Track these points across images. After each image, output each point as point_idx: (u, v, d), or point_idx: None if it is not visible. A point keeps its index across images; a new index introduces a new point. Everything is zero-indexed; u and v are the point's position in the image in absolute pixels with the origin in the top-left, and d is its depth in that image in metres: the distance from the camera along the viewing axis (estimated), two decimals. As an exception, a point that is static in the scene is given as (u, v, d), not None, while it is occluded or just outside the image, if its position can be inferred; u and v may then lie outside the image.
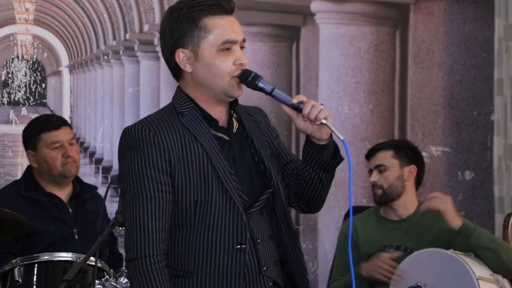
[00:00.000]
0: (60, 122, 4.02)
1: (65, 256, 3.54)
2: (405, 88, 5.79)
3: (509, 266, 3.71)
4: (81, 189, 4.04)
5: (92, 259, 3.05)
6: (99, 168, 5.81)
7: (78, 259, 3.45)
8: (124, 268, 3.58)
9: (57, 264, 3.53)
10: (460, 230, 3.70)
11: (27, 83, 5.65)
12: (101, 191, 4.19)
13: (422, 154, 4.17)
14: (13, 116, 5.60)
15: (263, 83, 2.47)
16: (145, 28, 5.76)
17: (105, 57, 5.86)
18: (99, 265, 3.41)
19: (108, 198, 3.12)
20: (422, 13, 5.78)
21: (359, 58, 5.70)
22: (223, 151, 2.48)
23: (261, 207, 2.53)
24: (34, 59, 5.67)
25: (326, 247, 5.56)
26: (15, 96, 5.62)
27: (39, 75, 5.69)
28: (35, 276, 3.52)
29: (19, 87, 5.63)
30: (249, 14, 5.46)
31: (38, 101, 5.65)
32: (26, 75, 5.66)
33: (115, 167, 5.76)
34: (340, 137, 2.42)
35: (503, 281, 3.70)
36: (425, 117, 5.78)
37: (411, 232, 3.96)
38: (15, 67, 5.64)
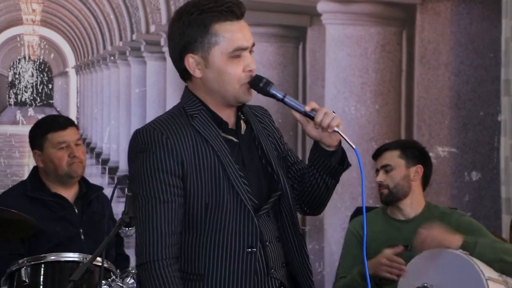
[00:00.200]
0: (66, 122, 4.03)
1: (72, 256, 3.54)
2: (412, 88, 5.78)
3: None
4: (87, 189, 4.04)
5: (98, 259, 3.06)
6: (105, 168, 5.81)
7: (84, 260, 3.45)
8: (130, 268, 3.58)
9: (64, 264, 3.53)
10: (461, 248, 3.69)
11: (34, 84, 5.66)
12: (107, 191, 4.19)
13: (429, 154, 4.16)
14: (20, 116, 5.61)
15: (275, 90, 2.47)
16: (152, 28, 5.77)
17: (112, 58, 5.87)
18: (105, 265, 3.41)
19: (114, 198, 3.12)
20: (428, 14, 5.78)
21: (365, 58, 5.69)
22: (233, 154, 2.48)
23: (268, 209, 2.53)
24: (40, 60, 5.68)
25: (332, 247, 5.55)
26: (22, 96, 5.63)
27: (45, 75, 5.70)
28: (41, 276, 3.52)
29: (26, 87, 5.64)
30: (255, 14, 5.47)
31: (44, 102, 5.66)
32: (33, 75, 5.67)
33: (121, 167, 5.76)
34: (352, 145, 2.42)
35: (512, 282, 3.69)
36: (432, 117, 5.77)
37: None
38: (22, 68, 5.65)
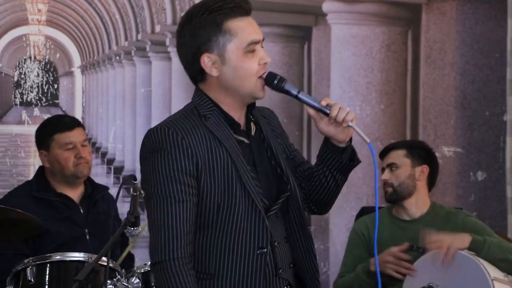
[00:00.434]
0: (73, 123, 4.03)
1: (77, 256, 3.54)
2: (417, 88, 5.77)
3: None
4: (93, 189, 4.04)
5: (104, 259, 3.06)
6: (110, 168, 5.82)
7: (90, 259, 3.46)
8: (135, 268, 3.59)
9: (69, 264, 3.54)
10: (469, 248, 3.69)
11: (40, 84, 5.67)
12: (112, 191, 4.19)
13: (436, 156, 4.16)
14: (25, 116, 5.62)
15: (289, 86, 2.50)
16: (157, 28, 5.77)
17: (117, 58, 5.87)
18: (110, 265, 3.41)
19: (119, 198, 3.12)
20: (434, 13, 5.77)
21: (370, 58, 5.69)
22: (244, 155, 2.50)
23: (277, 210, 2.55)
24: (46, 60, 5.69)
25: (337, 247, 5.55)
26: (28, 96, 5.64)
27: (51, 75, 5.70)
28: (47, 276, 3.52)
29: (32, 87, 5.65)
30: (260, 14, 5.46)
31: (50, 102, 5.67)
32: (38, 75, 5.68)
33: (126, 167, 5.77)
34: (366, 139, 2.45)
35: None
36: (437, 117, 5.76)
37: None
38: (27, 67, 5.66)
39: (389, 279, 3.82)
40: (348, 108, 2.48)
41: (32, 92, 5.64)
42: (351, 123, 2.48)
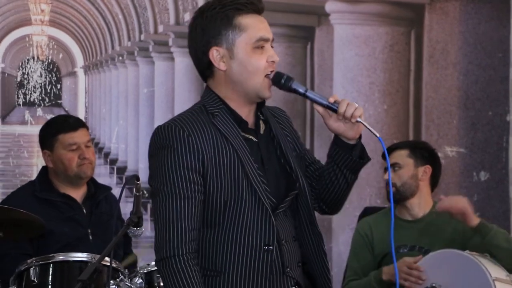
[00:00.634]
0: (77, 123, 4.03)
1: (80, 256, 3.54)
2: (420, 88, 5.77)
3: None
4: (96, 189, 4.05)
5: (107, 259, 3.06)
6: (113, 168, 5.83)
7: (93, 259, 3.46)
8: (138, 268, 3.59)
9: (72, 264, 3.54)
10: (477, 228, 3.70)
11: (43, 84, 5.68)
12: (115, 191, 4.20)
13: (439, 156, 4.16)
14: (28, 116, 5.63)
15: (297, 85, 2.51)
16: (160, 29, 5.78)
17: (120, 58, 5.88)
18: (114, 265, 3.41)
19: (122, 198, 3.12)
20: (437, 13, 5.77)
21: (373, 58, 5.69)
22: (252, 153, 2.51)
23: (285, 209, 2.56)
24: (49, 60, 5.70)
25: (340, 247, 5.55)
26: (31, 96, 5.64)
27: (54, 76, 5.71)
28: (50, 276, 3.53)
29: (35, 88, 5.66)
30: (263, 14, 5.46)
31: (53, 102, 5.68)
32: (41, 76, 5.69)
33: (129, 167, 5.78)
34: (375, 133, 2.46)
35: (519, 282, 3.68)
36: (440, 117, 5.76)
37: (426, 232, 3.95)
38: (30, 68, 5.67)
39: (401, 286, 3.81)
40: (356, 104, 2.49)
41: (35, 92, 5.65)
42: (359, 119, 2.48)
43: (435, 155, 4.11)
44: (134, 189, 3.07)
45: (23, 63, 5.66)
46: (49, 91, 5.67)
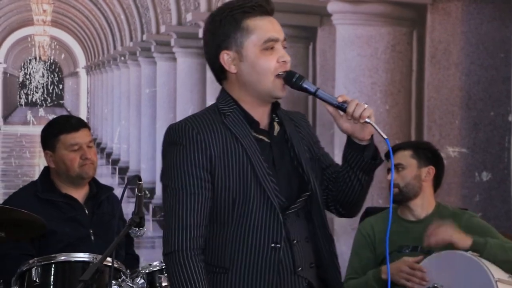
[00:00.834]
0: (79, 124, 4.03)
1: (82, 256, 3.54)
2: (422, 88, 5.77)
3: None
4: (98, 190, 4.05)
5: (108, 259, 3.06)
6: (115, 168, 5.83)
7: (95, 260, 3.46)
8: (140, 268, 3.59)
9: (74, 264, 3.54)
10: (470, 249, 3.69)
11: (45, 84, 5.68)
12: (117, 192, 4.20)
13: (442, 156, 4.15)
14: (30, 117, 5.63)
15: (307, 84, 2.53)
16: (162, 29, 5.78)
17: (122, 58, 5.88)
18: (115, 265, 3.41)
19: (124, 199, 3.13)
20: (439, 14, 5.76)
21: (375, 58, 5.69)
22: (263, 153, 2.54)
23: (298, 210, 2.58)
24: (51, 60, 5.70)
25: (342, 248, 5.55)
26: (33, 97, 5.65)
27: (56, 76, 5.72)
28: (52, 276, 3.52)
29: (37, 88, 5.67)
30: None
31: (55, 102, 5.68)
32: (43, 76, 5.69)
33: (131, 168, 5.78)
34: (383, 135, 2.46)
35: (521, 283, 3.68)
36: (442, 117, 5.76)
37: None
38: (32, 68, 5.67)
39: (401, 285, 3.81)
40: (365, 104, 2.49)
41: (37, 92, 5.65)
42: (368, 119, 2.48)
43: (438, 156, 4.11)
44: (136, 190, 3.07)
45: (25, 64, 5.67)
46: (51, 91, 5.67)
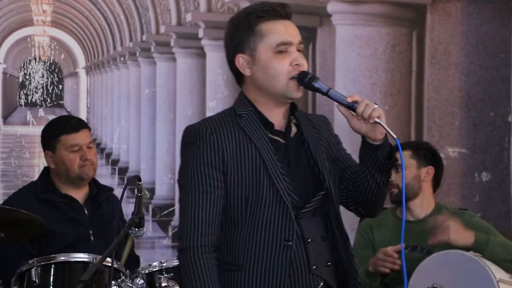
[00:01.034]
0: (80, 124, 4.03)
1: (82, 257, 3.54)
2: (422, 89, 5.77)
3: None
4: (97, 190, 4.04)
5: (108, 260, 3.06)
6: (115, 169, 5.83)
7: (94, 260, 3.46)
8: (140, 269, 3.59)
9: (74, 265, 3.54)
10: (473, 247, 3.69)
11: (44, 85, 5.68)
12: (117, 192, 4.20)
13: (441, 157, 4.16)
14: (30, 117, 5.63)
15: (320, 84, 2.56)
16: (162, 29, 5.78)
17: (122, 59, 5.88)
18: (115, 266, 3.41)
19: (124, 199, 3.13)
20: (439, 14, 5.77)
21: (375, 59, 5.69)
22: (278, 153, 2.58)
23: (314, 209, 2.61)
24: (51, 61, 5.70)
25: (342, 248, 5.54)
26: (32, 97, 5.65)
27: (56, 76, 5.72)
28: (51, 276, 3.52)
29: (36, 88, 5.67)
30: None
31: (55, 103, 5.68)
32: (43, 76, 5.69)
33: (131, 168, 5.78)
34: (393, 135, 2.49)
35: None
36: (442, 118, 5.76)
37: (428, 233, 3.95)
38: (32, 68, 5.67)
39: (393, 279, 3.82)
40: (375, 104, 2.52)
41: (36, 93, 5.65)
42: (377, 119, 2.50)
43: (438, 156, 4.11)
44: (135, 190, 3.07)
45: (25, 64, 5.67)
46: (51, 91, 5.67)
